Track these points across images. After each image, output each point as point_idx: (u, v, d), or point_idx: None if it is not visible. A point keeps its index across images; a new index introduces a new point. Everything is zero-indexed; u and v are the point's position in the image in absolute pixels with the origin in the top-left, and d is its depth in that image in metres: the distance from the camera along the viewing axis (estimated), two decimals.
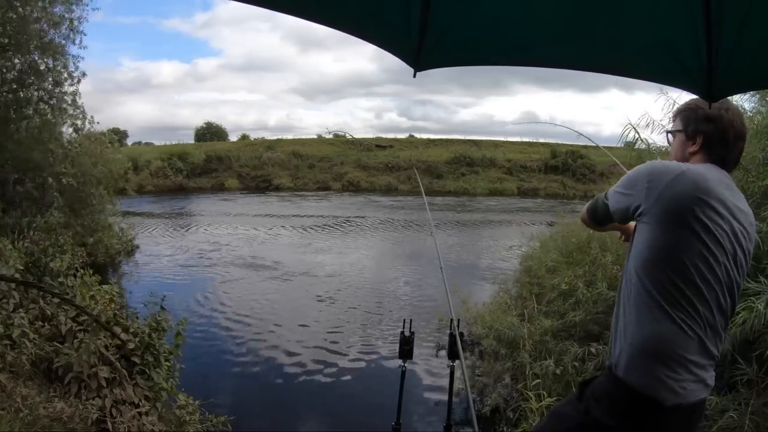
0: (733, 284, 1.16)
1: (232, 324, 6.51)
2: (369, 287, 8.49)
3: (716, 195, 1.14)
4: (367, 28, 1.05)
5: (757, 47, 1.00)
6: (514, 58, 1.16)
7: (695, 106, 1.29)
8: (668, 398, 1.11)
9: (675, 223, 1.14)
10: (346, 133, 36.40)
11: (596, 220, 1.42)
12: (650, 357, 1.13)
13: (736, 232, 1.15)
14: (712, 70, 1.04)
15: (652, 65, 1.14)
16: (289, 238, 13.13)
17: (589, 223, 1.49)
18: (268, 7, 0.94)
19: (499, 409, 4.23)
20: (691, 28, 1.00)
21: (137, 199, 17.46)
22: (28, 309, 3.54)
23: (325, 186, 25.32)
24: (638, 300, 1.16)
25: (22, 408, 2.66)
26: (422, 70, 1.11)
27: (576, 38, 1.06)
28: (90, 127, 8.62)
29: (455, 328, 2.14)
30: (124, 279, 8.83)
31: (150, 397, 3.33)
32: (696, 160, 1.27)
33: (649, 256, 1.16)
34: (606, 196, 1.33)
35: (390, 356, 5.43)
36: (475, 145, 29.25)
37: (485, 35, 1.08)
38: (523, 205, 20.64)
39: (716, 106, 1.22)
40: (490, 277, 8.26)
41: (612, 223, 1.38)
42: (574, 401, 1.29)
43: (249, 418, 4.14)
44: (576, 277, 4.37)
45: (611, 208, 1.30)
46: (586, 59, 1.16)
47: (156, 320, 3.64)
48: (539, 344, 4.06)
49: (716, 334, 1.16)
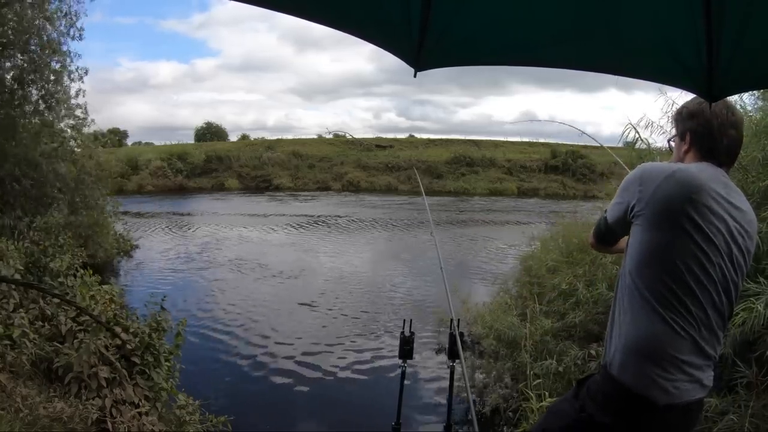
0: (729, 283, 1.16)
1: (232, 324, 6.51)
2: (369, 287, 8.48)
3: (709, 194, 1.13)
4: (368, 28, 1.05)
5: (757, 47, 1.00)
6: (515, 58, 1.16)
7: (681, 107, 1.32)
8: (661, 398, 1.12)
9: (666, 224, 1.14)
10: (346, 133, 36.44)
11: (602, 240, 1.43)
12: (643, 357, 1.14)
13: (732, 230, 1.15)
14: (713, 69, 1.04)
15: (652, 65, 1.14)
16: (288, 238, 13.13)
17: (596, 246, 1.50)
18: (270, 7, 0.94)
19: (500, 409, 4.23)
20: (691, 27, 0.99)
21: (137, 199, 17.47)
22: (28, 309, 3.54)
23: (325, 186, 25.33)
24: (632, 301, 1.17)
25: (22, 408, 2.66)
26: (423, 70, 1.11)
27: (577, 38, 1.06)
28: (88, 127, 8.62)
29: (455, 328, 2.15)
30: (124, 279, 8.83)
31: (150, 397, 3.33)
32: (690, 159, 1.27)
33: (641, 258, 1.17)
34: (605, 212, 1.35)
35: (390, 356, 5.43)
36: (475, 145, 29.27)
37: (486, 35, 1.08)
38: (523, 205, 20.65)
39: (698, 100, 1.23)
40: (490, 277, 8.25)
41: (615, 237, 1.39)
42: (571, 399, 1.31)
43: (249, 418, 4.14)
44: (576, 277, 4.37)
45: (610, 222, 1.31)
46: (587, 59, 1.16)
47: (156, 320, 3.64)
48: (540, 344, 4.05)
49: (712, 333, 1.16)
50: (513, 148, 29.34)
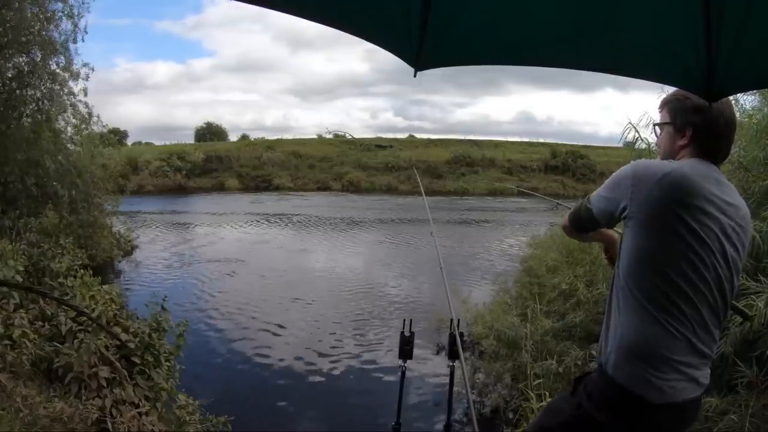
0: (723, 282, 1.15)
1: (232, 323, 6.51)
2: (369, 287, 8.48)
3: (703, 194, 1.12)
4: (368, 28, 1.05)
5: (757, 47, 1.00)
6: (515, 57, 1.16)
7: (683, 96, 1.24)
8: (656, 397, 1.13)
9: (659, 227, 1.13)
10: (346, 133, 36.39)
11: (579, 227, 1.38)
12: (637, 358, 1.14)
13: (726, 229, 1.14)
14: (712, 69, 1.04)
15: (652, 65, 1.14)
16: (288, 238, 13.13)
17: (570, 232, 1.44)
18: (271, 7, 0.94)
19: (499, 409, 4.23)
20: (691, 27, 1.00)
21: (137, 199, 17.46)
22: (28, 309, 3.55)
23: (325, 186, 25.32)
24: (626, 302, 1.17)
25: (22, 408, 2.66)
26: (423, 69, 1.11)
27: (577, 38, 1.06)
28: (93, 127, 8.60)
29: (455, 328, 2.14)
30: (124, 279, 8.83)
31: (150, 397, 3.32)
32: (685, 154, 1.24)
33: (634, 260, 1.16)
34: (589, 201, 1.29)
35: (390, 356, 5.43)
36: (475, 145, 29.27)
37: (486, 35, 1.08)
38: (522, 205, 20.64)
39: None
40: (490, 277, 8.25)
41: (595, 229, 1.36)
42: (568, 396, 1.31)
43: (249, 418, 4.13)
44: (576, 276, 4.37)
45: (595, 213, 1.27)
46: (587, 59, 1.16)
47: (156, 320, 3.64)
48: (540, 344, 4.05)
49: (708, 333, 1.16)
50: (513, 148, 29.34)
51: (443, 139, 31.55)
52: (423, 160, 26.76)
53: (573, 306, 4.23)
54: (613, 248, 1.42)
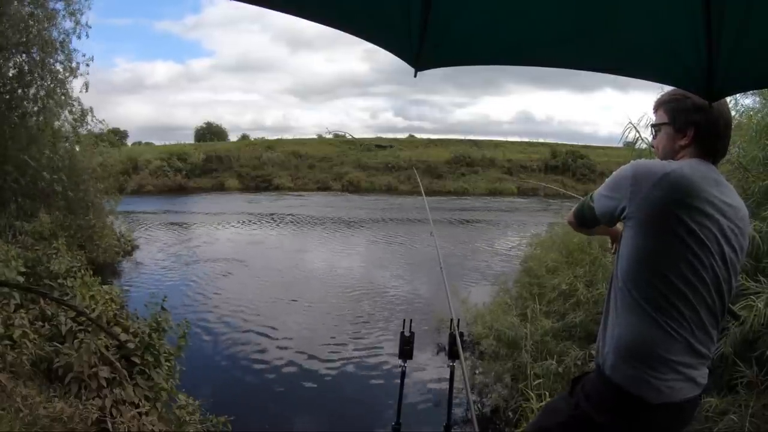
0: (721, 283, 1.15)
1: (232, 324, 6.51)
2: (369, 287, 8.48)
3: (702, 195, 1.12)
4: (368, 29, 1.05)
5: (757, 47, 1.00)
6: (515, 57, 1.16)
7: (682, 96, 1.23)
8: (653, 397, 1.13)
9: (659, 228, 1.13)
10: (346, 133, 36.39)
11: (583, 224, 1.41)
12: (635, 359, 1.14)
13: (724, 230, 1.13)
14: (713, 69, 1.04)
15: (652, 65, 1.14)
16: (288, 237, 13.13)
17: (576, 227, 1.48)
18: (270, 7, 0.94)
19: (499, 409, 4.23)
20: (691, 27, 1.00)
21: (137, 198, 17.46)
22: (28, 309, 3.55)
23: (325, 186, 25.30)
24: (624, 302, 1.17)
25: (22, 408, 2.66)
26: (423, 69, 1.11)
27: (577, 38, 1.06)
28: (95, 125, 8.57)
29: (455, 328, 2.14)
30: (124, 278, 8.83)
31: (150, 397, 3.33)
32: (686, 154, 1.23)
33: (633, 261, 1.16)
34: (591, 198, 1.30)
35: (390, 356, 5.43)
36: (475, 145, 29.27)
37: (486, 35, 1.08)
38: (523, 205, 20.65)
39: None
40: (490, 277, 8.26)
41: (599, 226, 1.37)
42: (566, 396, 1.31)
43: (249, 418, 4.14)
44: (576, 277, 4.37)
45: (597, 212, 1.28)
46: (587, 59, 1.16)
47: (156, 320, 3.64)
48: (540, 344, 4.05)
49: (706, 334, 1.16)
50: (513, 148, 29.33)
51: (443, 139, 31.56)
52: (423, 160, 26.74)
53: (573, 306, 4.23)
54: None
